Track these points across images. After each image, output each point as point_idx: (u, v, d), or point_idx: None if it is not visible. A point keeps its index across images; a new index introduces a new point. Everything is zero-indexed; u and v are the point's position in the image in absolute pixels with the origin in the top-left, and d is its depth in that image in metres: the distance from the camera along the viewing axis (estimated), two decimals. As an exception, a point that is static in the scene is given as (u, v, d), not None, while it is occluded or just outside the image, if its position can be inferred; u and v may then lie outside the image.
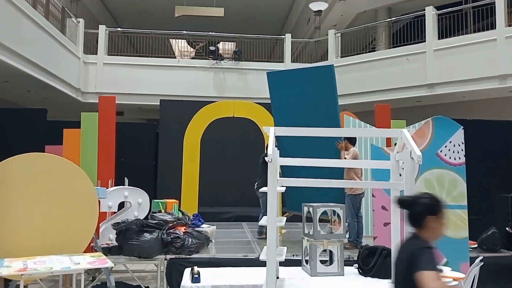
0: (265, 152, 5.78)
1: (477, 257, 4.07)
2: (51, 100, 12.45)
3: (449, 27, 11.62)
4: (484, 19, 10.89)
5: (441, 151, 4.65)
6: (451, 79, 11.04)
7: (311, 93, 6.39)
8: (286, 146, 5.89)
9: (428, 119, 4.79)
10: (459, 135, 4.69)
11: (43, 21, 10.42)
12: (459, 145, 4.67)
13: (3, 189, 4.16)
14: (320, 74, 6.57)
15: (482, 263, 3.91)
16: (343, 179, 5.80)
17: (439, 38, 11.54)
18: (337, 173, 5.85)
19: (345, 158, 5.89)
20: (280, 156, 2.69)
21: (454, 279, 3.27)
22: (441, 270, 3.36)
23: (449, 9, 11.60)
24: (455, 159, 4.65)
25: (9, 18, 8.78)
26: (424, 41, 11.63)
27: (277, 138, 5.82)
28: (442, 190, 4.61)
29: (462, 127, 4.75)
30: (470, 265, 4.02)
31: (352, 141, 6.14)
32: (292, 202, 6.87)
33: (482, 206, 5.95)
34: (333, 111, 6.24)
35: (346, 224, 5.36)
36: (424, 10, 11.76)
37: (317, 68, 7.03)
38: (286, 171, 6.02)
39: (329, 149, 6.00)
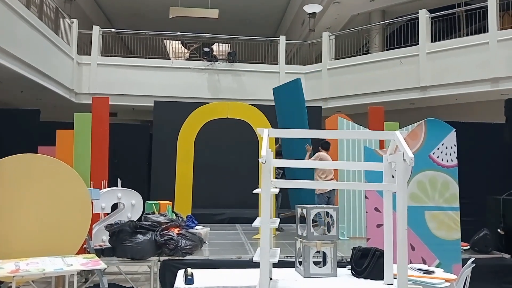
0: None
1: (469, 259, 4.09)
2: (44, 101, 12.39)
3: (442, 30, 11.71)
4: (476, 23, 10.99)
5: (433, 153, 4.68)
6: (444, 82, 11.13)
7: (288, 104, 7.82)
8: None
9: (421, 121, 4.82)
10: (451, 138, 4.73)
11: (37, 22, 10.37)
12: (451, 147, 4.71)
13: (-5, 190, 4.13)
14: (291, 88, 7.96)
15: (474, 265, 3.94)
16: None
17: (432, 41, 11.64)
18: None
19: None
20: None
21: (446, 281, 3.29)
22: (432, 271, 3.40)
23: (442, 12, 11.69)
24: (447, 161, 4.68)
25: (2, 18, 8.73)
26: (418, 44, 11.72)
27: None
28: (435, 191, 4.64)
29: (455, 129, 4.78)
30: (462, 267, 4.04)
31: (324, 146, 7.07)
32: (293, 202, 7.65)
33: (474, 208, 6.00)
34: (302, 118, 7.42)
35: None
36: (418, 13, 11.85)
37: (290, 82, 8.34)
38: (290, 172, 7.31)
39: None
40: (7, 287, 3.88)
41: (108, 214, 5.75)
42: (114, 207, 5.80)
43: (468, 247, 5.60)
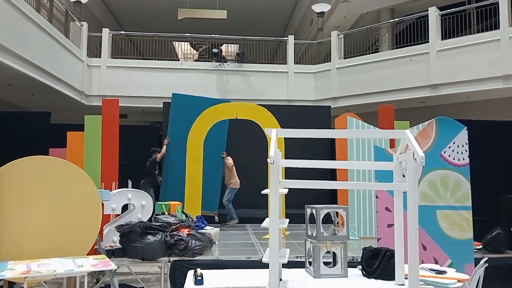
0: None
1: (482, 258, 4.04)
2: (55, 103, 12.50)
3: (453, 27, 11.58)
4: (487, 19, 10.86)
5: (445, 152, 4.63)
6: (455, 80, 11.00)
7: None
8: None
9: (431, 120, 4.77)
10: (463, 136, 4.67)
11: (47, 25, 10.47)
12: (463, 146, 4.65)
13: (7, 192, 4.17)
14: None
15: (487, 264, 3.88)
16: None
17: (442, 39, 11.51)
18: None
19: (230, 163, 8.70)
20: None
21: (459, 281, 3.25)
22: (444, 272, 3.35)
23: (452, 10, 11.57)
24: (459, 160, 4.63)
25: (13, 22, 8.82)
26: (428, 42, 11.60)
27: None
28: (446, 191, 4.59)
29: (466, 127, 4.72)
30: (475, 266, 3.99)
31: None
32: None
33: (486, 207, 5.92)
34: (222, 137, 8.03)
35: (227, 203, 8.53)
36: (427, 10, 11.73)
37: (217, 100, 8.74)
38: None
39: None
40: (19, 287, 3.92)
41: (118, 215, 5.77)
42: (125, 208, 5.83)
43: (480, 246, 5.53)
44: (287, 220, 3.18)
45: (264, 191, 2.98)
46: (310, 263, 3.18)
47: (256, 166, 7.95)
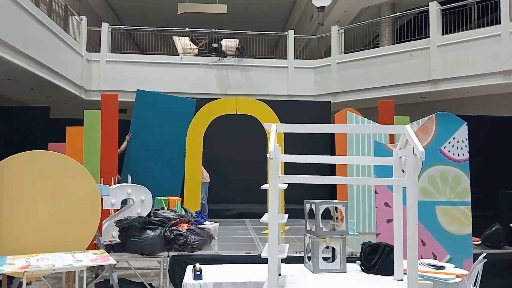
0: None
1: (480, 254, 4.04)
2: (55, 98, 12.48)
3: (453, 22, 11.55)
4: (488, 14, 10.82)
5: (444, 147, 4.63)
6: (455, 75, 10.98)
7: (169, 118, 7.84)
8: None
9: (431, 115, 4.76)
10: (463, 131, 4.66)
11: (46, 19, 10.43)
12: (463, 141, 4.64)
13: (6, 187, 4.17)
14: (182, 105, 8.10)
15: (486, 260, 3.89)
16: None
17: (443, 34, 11.47)
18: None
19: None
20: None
21: (457, 276, 3.25)
22: (443, 267, 3.36)
23: (453, 4, 11.52)
24: (458, 155, 4.62)
25: (12, 17, 8.79)
26: (428, 37, 11.57)
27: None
28: (446, 186, 4.59)
29: (466, 123, 4.71)
30: (474, 262, 4.00)
31: None
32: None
33: (486, 202, 5.92)
34: (183, 137, 7.57)
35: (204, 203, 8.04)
36: (428, 5, 11.69)
37: (181, 99, 8.45)
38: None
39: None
40: (18, 282, 3.92)
41: (118, 210, 5.78)
42: (124, 203, 5.83)
43: (479, 242, 5.54)
44: (286, 215, 3.17)
45: (264, 186, 2.98)
46: (309, 258, 3.18)
47: (255, 161, 7.96)
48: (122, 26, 15.70)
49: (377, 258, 3.10)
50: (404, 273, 2.82)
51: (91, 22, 13.74)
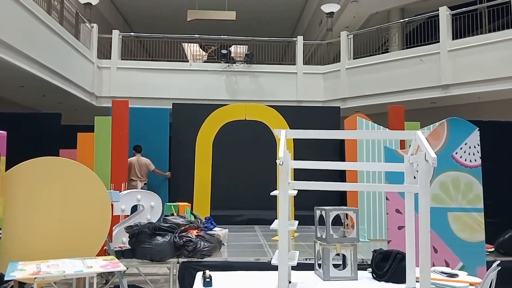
0: None
1: (494, 261, 3.96)
2: (66, 105, 12.60)
3: (464, 27, 11.46)
4: (499, 19, 10.73)
5: (456, 153, 4.57)
6: (466, 80, 10.88)
7: (146, 129, 8.34)
8: None
9: (443, 120, 4.71)
10: (474, 137, 4.61)
11: (58, 27, 10.55)
12: (474, 147, 4.59)
13: (17, 193, 4.20)
14: (157, 115, 8.74)
15: (500, 268, 3.82)
16: None
17: (453, 39, 11.40)
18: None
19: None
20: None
21: (471, 284, 3.20)
22: (456, 275, 3.30)
23: (463, 9, 11.45)
24: (470, 161, 4.56)
25: (24, 24, 8.91)
26: (438, 42, 11.49)
27: None
28: (458, 192, 4.53)
29: (478, 128, 4.65)
30: (487, 270, 3.93)
31: (136, 149, 8.37)
32: None
33: (499, 209, 5.83)
34: (164, 144, 8.29)
35: None
36: (438, 10, 11.63)
37: (155, 110, 9.10)
38: None
39: None
40: (29, 288, 3.94)
41: (127, 216, 5.79)
42: (134, 209, 5.85)
43: (493, 249, 5.45)
44: (296, 222, 3.15)
45: (273, 193, 2.96)
46: (319, 265, 3.15)
47: (265, 167, 7.94)
48: (132, 33, 15.85)
49: (388, 266, 3.06)
50: (417, 281, 2.78)
51: (102, 29, 13.89)
